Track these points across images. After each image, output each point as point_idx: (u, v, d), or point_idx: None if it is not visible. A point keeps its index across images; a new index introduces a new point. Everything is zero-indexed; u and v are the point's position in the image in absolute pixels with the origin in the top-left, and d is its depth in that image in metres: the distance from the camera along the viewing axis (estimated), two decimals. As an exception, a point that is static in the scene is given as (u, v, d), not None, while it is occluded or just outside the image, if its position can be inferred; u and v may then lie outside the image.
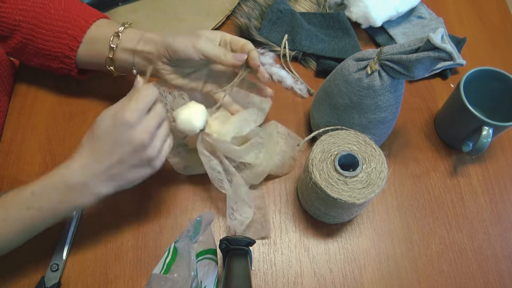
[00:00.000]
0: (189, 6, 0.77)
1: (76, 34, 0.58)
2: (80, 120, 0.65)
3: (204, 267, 0.50)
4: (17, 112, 0.65)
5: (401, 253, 0.58)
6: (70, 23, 0.58)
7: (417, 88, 0.73)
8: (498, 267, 0.58)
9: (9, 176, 0.60)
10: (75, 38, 0.58)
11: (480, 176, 0.65)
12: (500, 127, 0.58)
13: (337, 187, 0.50)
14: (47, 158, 0.61)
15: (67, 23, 0.58)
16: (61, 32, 0.58)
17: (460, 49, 0.76)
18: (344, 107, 0.57)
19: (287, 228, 0.59)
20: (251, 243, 0.51)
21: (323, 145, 0.53)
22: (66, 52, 0.59)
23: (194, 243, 0.49)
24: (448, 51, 0.47)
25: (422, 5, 0.80)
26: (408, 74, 0.51)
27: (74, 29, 0.58)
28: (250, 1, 0.78)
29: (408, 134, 0.68)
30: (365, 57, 0.54)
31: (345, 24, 0.75)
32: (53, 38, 0.58)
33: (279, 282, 0.55)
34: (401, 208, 0.62)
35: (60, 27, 0.58)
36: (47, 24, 0.58)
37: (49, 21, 0.58)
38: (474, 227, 0.61)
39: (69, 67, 0.61)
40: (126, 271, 0.54)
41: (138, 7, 0.77)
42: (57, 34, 0.58)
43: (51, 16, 0.59)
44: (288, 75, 0.71)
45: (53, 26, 0.58)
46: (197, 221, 0.49)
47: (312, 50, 0.72)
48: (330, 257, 0.57)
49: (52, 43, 0.59)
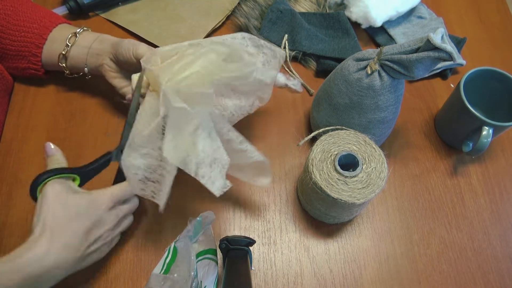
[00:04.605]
0: (189, 6, 0.77)
1: (42, 33, 0.61)
2: (80, 119, 0.65)
3: (204, 267, 0.50)
4: (17, 112, 0.65)
5: (401, 253, 0.58)
6: (36, 23, 0.61)
7: (417, 88, 0.73)
8: (498, 267, 0.58)
9: (9, 176, 0.60)
10: (41, 36, 0.61)
11: (480, 176, 0.65)
12: (500, 127, 0.58)
13: (337, 187, 0.50)
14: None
15: (33, 23, 0.61)
16: (27, 32, 0.61)
17: (460, 49, 0.76)
18: (344, 107, 0.57)
19: (287, 228, 0.59)
20: (251, 243, 0.51)
21: (323, 145, 0.53)
22: (32, 50, 0.61)
23: (194, 243, 0.49)
24: (448, 51, 0.47)
25: (422, 5, 0.80)
26: (408, 74, 0.51)
27: (40, 28, 0.61)
28: (250, 1, 0.78)
29: (408, 134, 0.68)
30: (365, 57, 0.54)
31: (345, 24, 0.75)
32: (20, 37, 0.61)
33: (279, 282, 0.55)
34: (401, 208, 0.62)
35: (27, 27, 0.61)
36: (15, 26, 0.61)
37: (17, 22, 0.61)
38: (474, 227, 0.61)
39: (36, 66, 0.63)
40: (126, 271, 0.54)
41: (138, 7, 0.77)
42: (24, 33, 0.61)
43: (20, 18, 0.61)
44: (279, 73, 0.71)
45: (21, 27, 0.61)
46: (197, 221, 0.49)
47: (312, 50, 0.72)
48: (330, 257, 0.57)
49: (19, 43, 0.61)
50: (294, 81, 0.71)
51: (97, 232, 0.47)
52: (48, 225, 0.43)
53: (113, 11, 0.76)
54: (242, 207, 0.60)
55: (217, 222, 0.59)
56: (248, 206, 0.60)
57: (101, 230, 0.47)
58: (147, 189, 0.50)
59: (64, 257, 0.43)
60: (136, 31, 0.73)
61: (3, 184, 0.59)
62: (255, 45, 0.57)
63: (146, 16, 0.75)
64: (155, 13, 0.76)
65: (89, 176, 0.50)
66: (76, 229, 0.45)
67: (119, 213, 0.50)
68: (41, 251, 0.42)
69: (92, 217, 0.46)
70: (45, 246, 0.42)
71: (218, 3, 0.78)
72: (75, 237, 0.44)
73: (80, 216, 0.45)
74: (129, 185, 0.50)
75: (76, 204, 0.45)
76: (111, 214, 0.48)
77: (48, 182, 0.45)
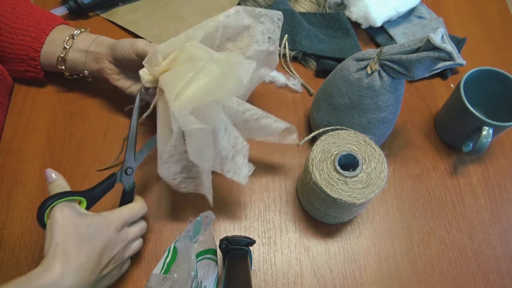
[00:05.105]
0: (189, 6, 0.77)
1: (39, 36, 0.61)
2: (80, 120, 0.65)
3: (204, 267, 0.50)
4: (17, 112, 0.65)
5: (401, 253, 0.58)
6: (33, 26, 0.61)
7: (417, 88, 0.73)
8: (498, 267, 0.58)
9: (9, 176, 0.60)
10: (39, 40, 0.61)
11: (480, 176, 0.65)
12: (500, 127, 0.58)
13: (337, 187, 0.50)
14: (47, 158, 0.62)
15: (31, 26, 0.61)
16: (25, 35, 0.61)
17: (460, 49, 0.76)
18: (344, 107, 0.57)
19: (287, 228, 0.59)
20: (251, 243, 0.51)
21: (323, 145, 0.53)
22: (31, 54, 0.61)
23: (194, 243, 0.49)
24: (448, 51, 0.47)
25: (422, 5, 0.80)
26: (408, 74, 0.51)
27: (37, 31, 0.61)
28: (250, 1, 0.78)
29: (408, 134, 0.68)
30: (365, 57, 0.54)
31: (345, 24, 0.75)
32: (18, 41, 0.61)
33: (279, 282, 0.55)
34: (401, 208, 0.62)
35: (24, 31, 0.61)
36: (13, 28, 0.61)
37: (14, 25, 0.61)
38: (474, 227, 0.61)
39: (35, 69, 0.63)
40: (126, 271, 0.54)
41: (138, 7, 0.77)
42: (22, 37, 0.61)
43: (17, 20, 0.61)
44: (279, 73, 0.71)
45: (19, 30, 0.61)
46: (197, 221, 0.49)
47: (312, 50, 0.72)
48: (330, 257, 0.57)
49: (17, 46, 0.61)
50: (294, 81, 0.71)
51: (109, 254, 0.46)
52: (62, 248, 0.42)
53: (113, 11, 0.76)
54: (242, 207, 0.60)
55: (217, 222, 0.59)
56: (248, 206, 0.60)
57: (113, 252, 0.47)
58: (188, 186, 0.51)
59: (80, 280, 0.42)
60: (136, 31, 0.73)
61: (3, 184, 0.59)
62: (251, 16, 0.55)
63: (146, 16, 0.75)
64: (155, 13, 0.76)
65: (95, 198, 0.50)
66: (89, 251, 0.44)
67: (128, 236, 0.49)
68: (56, 274, 0.41)
69: (103, 238, 0.45)
70: (60, 269, 0.41)
71: (218, 3, 0.78)
72: (89, 259, 0.43)
73: (92, 237, 0.44)
74: (137, 205, 0.50)
75: (87, 226, 0.44)
76: (119, 236, 0.48)
77: (55, 206, 0.44)
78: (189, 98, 0.46)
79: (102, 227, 0.45)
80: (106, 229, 0.46)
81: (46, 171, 0.48)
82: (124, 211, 0.49)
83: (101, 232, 0.45)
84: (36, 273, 0.40)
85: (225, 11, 0.53)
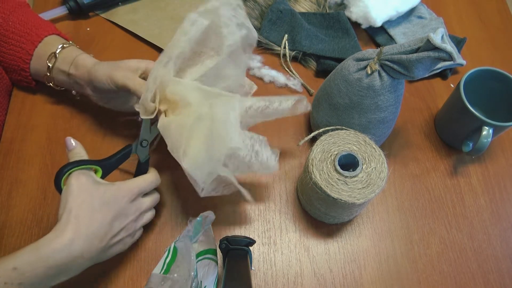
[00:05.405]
0: (189, 6, 0.77)
1: (28, 48, 0.60)
2: (80, 120, 0.65)
3: (204, 267, 0.50)
4: (17, 112, 0.65)
5: (401, 253, 0.58)
6: (24, 37, 0.60)
7: (417, 88, 0.73)
8: (498, 267, 0.58)
9: (9, 176, 0.60)
10: (27, 52, 0.60)
11: (480, 176, 0.65)
12: (500, 127, 0.58)
13: (337, 187, 0.50)
14: (47, 158, 0.62)
15: (21, 37, 0.60)
16: (16, 46, 0.60)
17: (460, 49, 0.76)
18: (344, 107, 0.57)
19: (287, 228, 0.59)
20: (251, 243, 0.51)
21: (323, 145, 0.53)
22: (21, 65, 0.61)
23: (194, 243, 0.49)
24: (448, 51, 0.47)
25: (422, 5, 0.80)
26: (408, 74, 0.51)
27: (27, 43, 0.60)
28: (250, 1, 0.78)
29: (408, 134, 0.68)
30: (365, 57, 0.54)
31: (345, 24, 0.75)
32: (10, 50, 0.61)
33: (279, 282, 0.55)
34: (401, 208, 0.62)
35: (16, 41, 0.60)
36: (4, 37, 0.60)
37: (6, 34, 0.60)
38: (474, 227, 0.61)
39: (27, 79, 0.63)
40: (126, 271, 0.54)
41: (138, 7, 0.77)
42: (13, 47, 0.60)
43: (9, 28, 0.60)
44: (279, 73, 0.71)
45: (10, 39, 0.60)
46: (197, 221, 0.49)
47: (312, 50, 0.72)
48: (330, 257, 0.57)
49: (9, 56, 0.61)
50: (294, 81, 0.71)
51: (120, 223, 0.47)
52: (74, 214, 0.43)
53: (113, 11, 0.76)
54: (242, 207, 0.60)
55: (217, 222, 0.59)
56: (248, 206, 0.60)
57: (125, 221, 0.48)
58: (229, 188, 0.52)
59: (88, 246, 0.44)
60: (136, 31, 0.73)
61: (3, 184, 0.59)
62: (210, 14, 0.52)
63: (146, 16, 0.75)
64: (155, 13, 0.76)
65: (111, 168, 0.51)
66: (101, 219, 0.45)
67: (141, 206, 0.50)
68: (67, 239, 0.42)
69: (116, 207, 0.47)
70: (71, 235, 0.42)
71: (218, 3, 0.77)
72: (100, 227, 0.45)
73: (105, 206, 0.46)
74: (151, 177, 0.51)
75: (101, 195, 0.46)
76: (133, 206, 0.49)
77: (72, 173, 0.46)
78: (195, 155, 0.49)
79: (116, 196, 0.47)
80: (120, 199, 0.47)
81: (66, 139, 0.49)
82: (138, 181, 0.50)
83: (114, 201, 0.46)
84: (48, 238, 0.42)
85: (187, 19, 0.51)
